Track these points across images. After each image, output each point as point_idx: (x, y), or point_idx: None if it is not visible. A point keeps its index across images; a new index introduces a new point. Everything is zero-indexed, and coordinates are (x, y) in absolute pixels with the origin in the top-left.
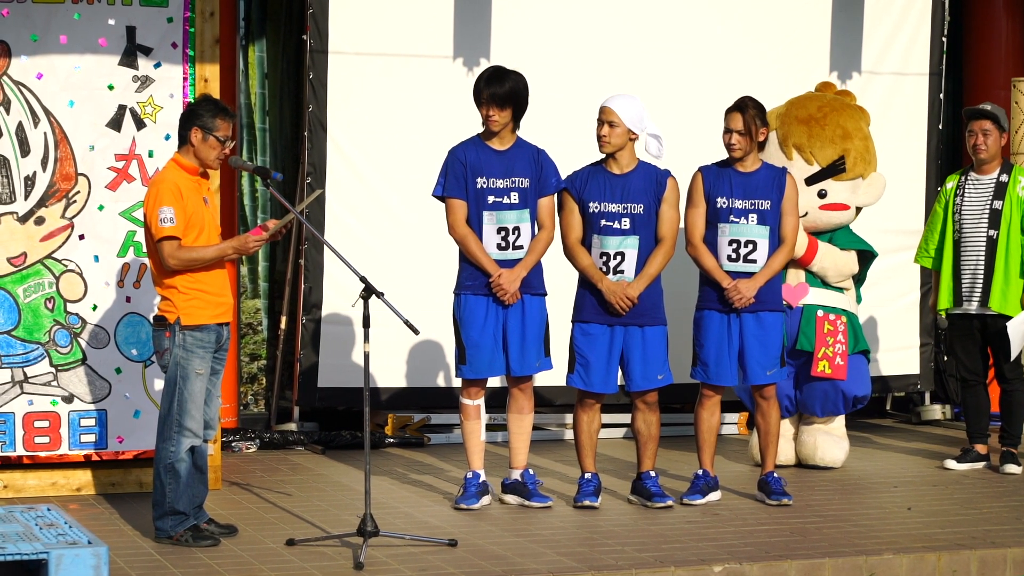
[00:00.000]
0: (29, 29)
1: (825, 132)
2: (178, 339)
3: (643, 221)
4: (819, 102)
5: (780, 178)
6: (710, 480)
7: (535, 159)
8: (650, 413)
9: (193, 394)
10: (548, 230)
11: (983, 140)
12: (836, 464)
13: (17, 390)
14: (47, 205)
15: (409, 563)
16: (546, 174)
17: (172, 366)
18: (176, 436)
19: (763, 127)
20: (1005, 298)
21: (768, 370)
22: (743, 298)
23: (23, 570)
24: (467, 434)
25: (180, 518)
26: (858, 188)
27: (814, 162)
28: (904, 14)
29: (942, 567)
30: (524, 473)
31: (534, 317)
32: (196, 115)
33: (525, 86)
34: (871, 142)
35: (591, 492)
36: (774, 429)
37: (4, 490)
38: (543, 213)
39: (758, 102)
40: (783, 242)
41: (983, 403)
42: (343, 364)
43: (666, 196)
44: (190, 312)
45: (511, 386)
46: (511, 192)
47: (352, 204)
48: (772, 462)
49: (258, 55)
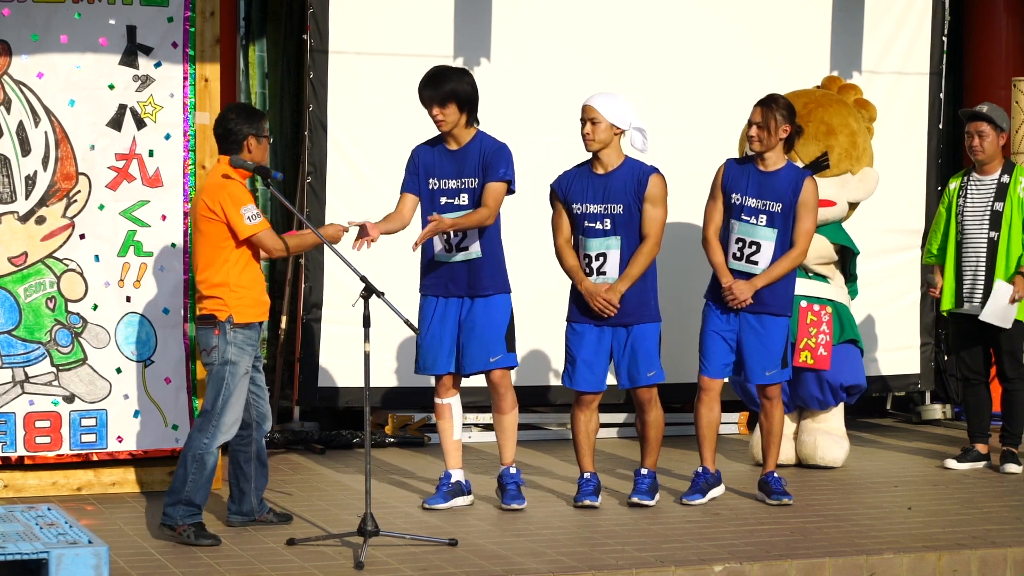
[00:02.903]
0: (30, 28)
1: (809, 128)
2: (229, 336)
3: (623, 221)
4: (806, 98)
5: (798, 180)
6: (710, 477)
7: (481, 157)
8: (643, 411)
9: (239, 391)
10: (487, 208)
11: (979, 142)
12: (836, 464)
13: (18, 390)
14: (48, 204)
15: (409, 563)
16: (493, 166)
17: (220, 363)
18: (213, 430)
19: (785, 124)
20: None
21: (768, 371)
22: (736, 300)
23: (24, 569)
24: (440, 433)
25: (192, 510)
26: (847, 184)
27: (798, 160)
28: (905, 14)
29: (942, 567)
30: (505, 471)
31: (486, 315)
32: (245, 121)
33: (468, 82)
34: (860, 137)
35: (591, 492)
36: (776, 429)
37: (4, 490)
38: (485, 195)
39: (787, 100)
40: (793, 245)
41: (984, 402)
42: (343, 364)
43: (648, 194)
44: (241, 310)
45: (488, 385)
46: (461, 193)
47: (352, 203)
48: (774, 462)
49: (258, 55)
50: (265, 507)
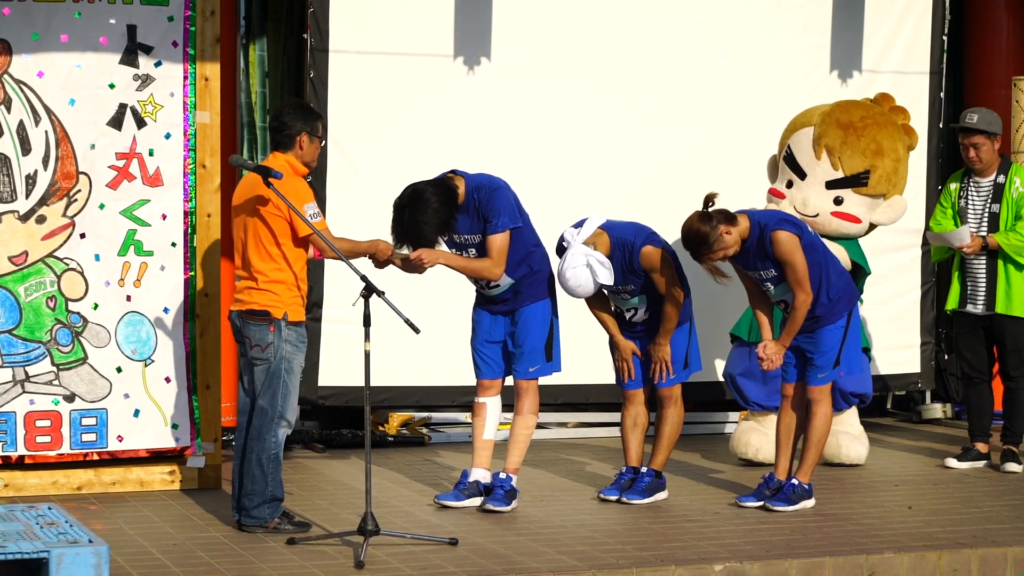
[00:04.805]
0: (30, 28)
1: (860, 143)
2: (284, 334)
3: (640, 287)
4: (863, 111)
5: (765, 243)
6: (773, 483)
7: (476, 211)
8: (661, 408)
9: (295, 387)
10: (489, 260)
11: (975, 154)
12: (860, 460)
13: (18, 389)
14: (48, 204)
15: (410, 562)
16: (490, 220)
17: (277, 360)
18: (276, 428)
19: (728, 226)
20: (1010, 300)
21: (820, 372)
22: (771, 366)
23: (24, 569)
24: (472, 429)
25: (276, 504)
26: (876, 206)
27: (840, 168)
28: (905, 13)
29: (943, 566)
30: (496, 475)
31: (525, 328)
32: (301, 119)
33: (433, 210)
34: (903, 165)
35: (615, 487)
36: (815, 434)
37: (5, 489)
38: (488, 248)
39: (708, 238)
40: (794, 295)
41: (986, 401)
42: (344, 363)
43: (645, 269)
44: (296, 309)
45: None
46: (469, 248)
47: (353, 202)
48: (790, 467)
49: (259, 54)
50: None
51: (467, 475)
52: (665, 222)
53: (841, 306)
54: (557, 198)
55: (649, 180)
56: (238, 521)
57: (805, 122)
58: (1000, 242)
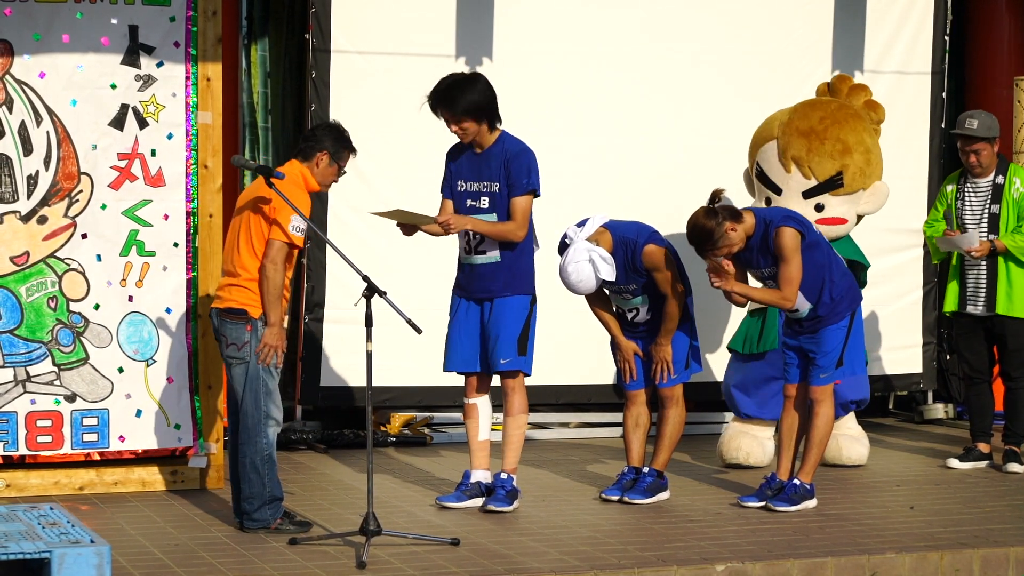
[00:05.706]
0: (32, 28)
1: (824, 147)
2: (260, 334)
3: (642, 287)
4: (822, 112)
5: (769, 240)
6: (775, 483)
7: (504, 162)
8: (663, 407)
9: (275, 385)
10: (514, 223)
11: (975, 159)
12: (862, 461)
13: (20, 389)
14: (50, 204)
15: (411, 562)
16: (514, 176)
17: (253, 361)
18: (265, 428)
19: (734, 223)
20: (1011, 300)
21: (823, 373)
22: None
23: (25, 569)
24: (466, 432)
25: (276, 505)
26: (859, 200)
27: (811, 176)
28: (906, 13)
29: (944, 566)
30: (496, 476)
31: (500, 317)
32: (331, 139)
33: (480, 90)
34: (874, 153)
35: (617, 487)
36: (817, 435)
37: (6, 489)
38: (512, 211)
39: (713, 234)
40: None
41: (987, 401)
42: (346, 363)
43: (647, 268)
44: None
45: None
46: (482, 196)
47: (354, 203)
48: (792, 467)
49: (260, 54)
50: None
51: (468, 476)
52: (666, 222)
53: (844, 306)
54: (558, 198)
55: (650, 180)
56: (240, 524)
57: (767, 135)
58: (1007, 244)
